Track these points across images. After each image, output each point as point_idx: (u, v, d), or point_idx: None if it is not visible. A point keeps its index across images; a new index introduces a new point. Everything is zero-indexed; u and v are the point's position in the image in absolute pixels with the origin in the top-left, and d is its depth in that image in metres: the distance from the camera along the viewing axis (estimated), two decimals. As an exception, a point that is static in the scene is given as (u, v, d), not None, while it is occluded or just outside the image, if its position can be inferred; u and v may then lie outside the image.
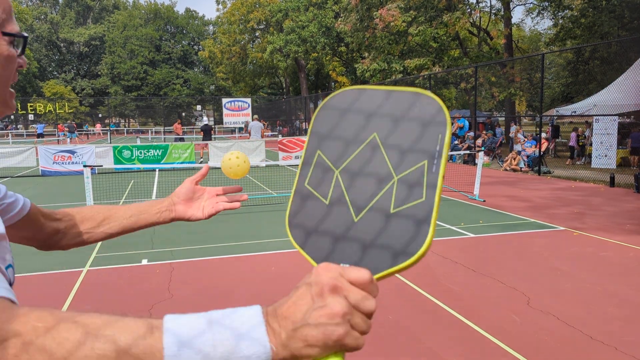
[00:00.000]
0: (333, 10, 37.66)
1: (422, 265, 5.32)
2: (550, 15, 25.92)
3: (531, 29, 46.34)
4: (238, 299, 4.38)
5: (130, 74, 59.90)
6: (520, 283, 4.70)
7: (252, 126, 17.62)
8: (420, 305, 4.22)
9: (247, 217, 8.08)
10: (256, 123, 17.52)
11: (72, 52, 64.91)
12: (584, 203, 8.88)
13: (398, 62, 24.17)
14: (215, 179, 13.03)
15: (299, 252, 0.71)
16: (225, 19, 46.84)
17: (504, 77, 21.05)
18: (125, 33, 60.81)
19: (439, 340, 3.54)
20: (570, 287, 4.61)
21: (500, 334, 3.62)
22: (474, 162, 15.45)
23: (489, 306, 4.15)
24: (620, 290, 4.49)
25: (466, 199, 9.48)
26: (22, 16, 50.46)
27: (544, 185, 11.36)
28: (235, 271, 5.18)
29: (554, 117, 19.71)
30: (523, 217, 7.75)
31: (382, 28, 22.74)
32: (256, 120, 18.21)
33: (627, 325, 3.75)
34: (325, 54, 39.69)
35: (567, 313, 3.98)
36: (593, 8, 21.40)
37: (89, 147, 14.83)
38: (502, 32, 24.34)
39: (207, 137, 18.71)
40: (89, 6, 66.25)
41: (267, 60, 42.13)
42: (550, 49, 26.48)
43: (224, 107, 35.38)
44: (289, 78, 52.76)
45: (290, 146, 17.00)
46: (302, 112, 37.63)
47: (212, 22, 65.45)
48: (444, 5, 22.09)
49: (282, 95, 55.98)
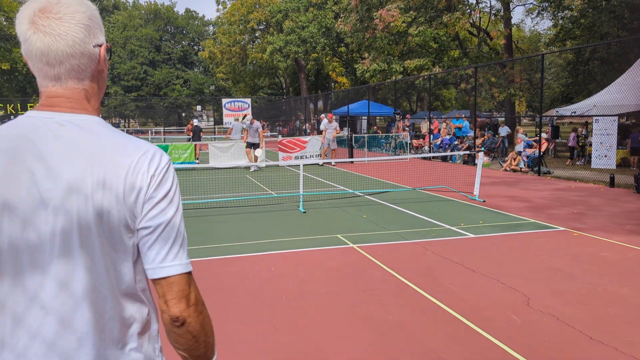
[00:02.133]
0: (333, 11, 37.67)
1: (422, 265, 5.32)
2: (550, 15, 25.91)
3: (531, 30, 46.35)
4: (238, 299, 4.39)
5: (130, 74, 59.91)
6: (520, 283, 4.70)
7: (234, 126, 17.86)
8: (420, 305, 4.22)
9: (247, 217, 8.09)
10: (256, 123, 17.52)
11: (72, 52, 64.87)
12: (584, 203, 8.88)
13: (398, 63, 24.17)
14: (215, 179, 13.03)
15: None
16: (225, 19, 46.85)
17: (503, 78, 21.05)
18: (125, 33, 60.83)
19: (439, 341, 3.54)
20: (570, 287, 4.61)
21: (500, 334, 3.63)
22: (474, 162, 15.45)
23: (489, 306, 4.15)
24: (620, 291, 4.49)
25: (466, 199, 9.48)
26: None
27: (544, 185, 11.37)
28: (235, 271, 5.18)
29: (554, 117, 19.71)
30: (523, 217, 7.75)
31: (382, 28, 22.74)
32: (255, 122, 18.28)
33: (627, 325, 3.76)
34: (325, 54, 39.70)
35: (567, 313, 3.98)
36: (593, 8, 21.40)
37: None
38: (502, 33, 24.35)
39: (196, 138, 19.22)
40: (89, 6, 66.17)
41: (267, 61, 42.13)
42: (550, 49, 26.48)
43: (224, 108, 35.39)
44: (289, 78, 52.77)
45: (290, 146, 17.00)
46: (302, 112, 37.62)
47: (212, 22, 65.47)
48: (444, 6, 22.10)
49: (282, 95, 55.97)
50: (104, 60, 1.13)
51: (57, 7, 1.04)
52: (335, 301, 4.33)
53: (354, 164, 16.92)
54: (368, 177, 13.19)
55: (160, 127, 44.04)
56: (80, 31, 1.05)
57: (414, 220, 7.68)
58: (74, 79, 1.08)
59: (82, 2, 1.08)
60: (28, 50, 1.05)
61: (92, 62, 1.10)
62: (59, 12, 1.04)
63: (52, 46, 1.03)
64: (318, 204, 9.15)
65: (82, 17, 1.06)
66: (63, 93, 1.08)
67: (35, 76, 1.09)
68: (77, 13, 1.06)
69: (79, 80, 1.09)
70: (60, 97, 1.08)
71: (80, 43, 1.06)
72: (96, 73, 1.12)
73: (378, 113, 30.77)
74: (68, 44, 1.04)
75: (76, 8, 1.06)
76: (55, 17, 1.03)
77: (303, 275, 5.05)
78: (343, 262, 5.48)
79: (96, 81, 1.13)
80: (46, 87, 1.08)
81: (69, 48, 1.04)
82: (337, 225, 7.37)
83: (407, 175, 13.28)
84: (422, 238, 6.50)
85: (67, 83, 1.08)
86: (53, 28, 1.03)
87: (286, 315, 4.05)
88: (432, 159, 18.11)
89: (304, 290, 4.61)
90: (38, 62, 1.05)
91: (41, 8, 1.04)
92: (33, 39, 1.03)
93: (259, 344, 3.55)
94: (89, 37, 1.08)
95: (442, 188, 10.86)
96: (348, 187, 11.32)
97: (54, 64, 1.05)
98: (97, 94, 1.13)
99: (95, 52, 1.10)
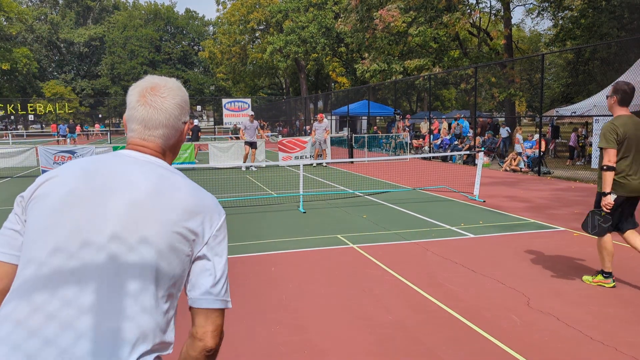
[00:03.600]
0: (333, 11, 37.68)
1: (422, 265, 5.32)
2: (550, 15, 25.92)
3: (531, 30, 46.39)
4: (238, 299, 4.38)
5: (130, 75, 59.87)
6: (520, 283, 4.70)
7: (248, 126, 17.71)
8: (420, 305, 4.22)
9: (247, 217, 8.09)
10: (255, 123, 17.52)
11: (72, 52, 64.91)
12: (584, 203, 8.88)
13: (398, 63, 24.17)
14: (215, 180, 13.03)
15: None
16: (225, 19, 46.86)
17: (504, 78, 21.06)
18: (125, 33, 60.82)
19: (439, 341, 3.54)
20: (570, 287, 4.60)
21: (500, 334, 3.62)
22: (474, 162, 15.45)
23: (489, 307, 4.15)
24: (620, 291, 4.49)
25: (466, 199, 9.48)
26: (23, 16, 50.36)
27: (544, 185, 11.37)
28: (235, 272, 5.18)
29: (554, 117, 19.71)
30: (523, 217, 7.75)
31: (382, 29, 22.74)
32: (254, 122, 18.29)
33: (627, 325, 3.75)
34: (325, 54, 39.70)
35: (567, 313, 3.98)
36: (593, 9, 21.40)
37: (89, 147, 14.84)
38: (502, 33, 24.35)
39: (195, 137, 19.27)
40: (89, 7, 66.24)
41: (267, 61, 42.14)
42: (550, 49, 26.48)
43: (224, 108, 35.41)
44: (289, 78, 52.77)
45: (290, 146, 16.99)
46: (302, 112, 37.62)
47: (212, 22, 65.46)
48: (444, 6, 22.09)
49: (282, 95, 55.98)
50: (185, 133, 1.42)
51: (163, 89, 1.34)
52: (335, 301, 4.33)
53: (354, 164, 16.91)
54: (368, 177, 13.19)
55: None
56: (176, 109, 1.35)
57: (414, 220, 7.68)
58: (161, 140, 1.35)
59: (181, 88, 1.39)
60: (131, 115, 1.33)
61: (178, 133, 1.38)
62: (164, 92, 1.33)
63: (153, 116, 1.32)
64: (318, 204, 9.15)
65: (180, 100, 1.36)
66: (146, 144, 1.35)
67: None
68: (177, 96, 1.36)
69: (163, 142, 1.36)
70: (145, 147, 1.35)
71: (174, 119, 1.35)
72: (178, 143, 1.41)
73: (378, 113, 30.79)
74: (166, 117, 1.33)
75: (177, 92, 1.36)
76: (161, 96, 1.32)
77: (303, 275, 5.05)
78: (343, 262, 5.48)
79: (175, 148, 1.41)
80: None
81: (166, 120, 1.33)
82: (337, 225, 7.36)
83: (407, 175, 13.28)
84: (422, 238, 6.50)
85: (155, 140, 1.34)
86: (158, 103, 1.32)
87: (286, 315, 4.05)
88: (432, 159, 18.11)
89: (304, 291, 4.61)
90: (137, 124, 1.33)
91: (152, 87, 1.33)
92: (140, 109, 1.32)
93: (259, 344, 3.55)
94: (181, 115, 1.37)
95: (442, 188, 10.86)
96: (348, 187, 11.32)
97: (150, 128, 1.32)
98: (172, 157, 1.41)
99: (182, 127, 1.39)
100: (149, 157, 1.31)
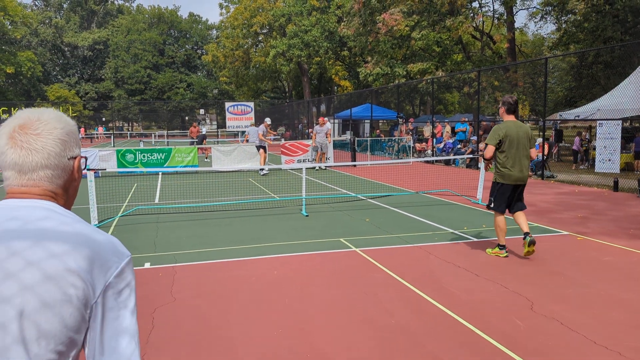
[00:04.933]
0: (336, 15, 37.77)
1: (424, 269, 5.31)
2: (554, 19, 25.90)
3: (534, 33, 46.31)
4: (240, 302, 4.38)
5: (133, 78, 60.13)
6: (523, 288, 4.68)
7: (250, 131, 17.71)
8: (422, 309, 4.20)
9: (250, 220, 8.09)
10: (253, 128, 17.57)
11: (76, 56, 65.23)
12: (587, 207, 8.85)
13: (401, 67, 24.19)
14: (216, 182, 13.04)
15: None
16: (228, 23, 47.00)
17: (507, 81, 21.05)
18: (129, 37, 61.10)
19: (442, 345, 3.53)
20: (573, 291, 4.58)
21: (503, 338, 3.61)
22: (477, 166, 15.42)
23: (492, 311, 4.14)
24: (624, 295, 4.47)
25: (469, 203, 9.46)
26: (27, 20, 50.67)
27: (547, 189, 11.33)
28: (237, 275, 5.17)
29: (557, 121, 19.67)
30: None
31: (385, 32, 22.78)
32: (253, 126, 18.37)
33: (632, 330, 3.73)
34: (328, 58, 39.78)
35: (571, 318, 3.96)
36: (596, 12, 21.38)
37: (92, 150, 14.87)
38: (505, 37, 24.36)
39: (200, 144, 19.97)
40: (93, 11, 66.63)
41: (270, 65, 42.24)
42: (554, 53, 26.46)
43: (227, 111, 35.42)
44: (291, 82, 52.87)
45: (293, 150, 17.00)
46: (304, 116, 37.66)
47: (216, 26, 65.70)
48: (447, 10, 22.12)
49: (284, 99, 56.07)
50: (77, 170, 1.19)
51: (36, 124, 1.11)
52: (337, 304, 4.32)
53: (357, 167, 16.91)
54: (371, 181, 13.18)
55: (164, 131, 44.16)
56: (56, 145, 1.12)
57: (416, 223, 7.66)
58: (45, 182, 1.13)
59: (61, 119, 1.16)
60: (3, 161, 1.11)
61: (66, 172, 1.16)
62: (37, 128, 1.11)
63: (26, 159, 1.10)
64: (321, 208, 9.14)
65: (59, 134, 1.13)
66: (28, 190, 1.13)
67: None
68: (55, 130, 1.13)
69: (49, 184, 1.14)
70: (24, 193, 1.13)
71: (56, 157, 1.12)
72: (68, 183, 1.18)
73: (381, 117, 30.78)
74: (43, 157, 1.11)
75: (54, 125, 1.13)
76: (34, 133, 1.10)
77: (305, 278, 5.04)
78: (345, 265, 5.47)
79: (66, 190, 1.18)
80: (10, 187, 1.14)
81: (44, 160, 1.11)
82: (340, 228, 7.36)
83: (410, 178, 13.27)
84: (425, 242, 6.48)
85: (37, 182, 1.13)
86: (30, 143, 1.10)
87: (288, 318, 4.04)
88: (435, 163, 18.09)
89: (307, 294, 4.60)
90: (10, 170, 1.11)
91: (21, 125, 1.11)
92: (9, 153, 1.10)
93: (261, 347, 3.54)
94: (64, 151, 1.14)
95: (445, 192, 10.84)
96: (351, 191, 11.31)
97: (26, 172, 1.11)
98: (65, 201, 1.18)
99: (69, 165, 1.16)
100: (34, 202, 1.11)
